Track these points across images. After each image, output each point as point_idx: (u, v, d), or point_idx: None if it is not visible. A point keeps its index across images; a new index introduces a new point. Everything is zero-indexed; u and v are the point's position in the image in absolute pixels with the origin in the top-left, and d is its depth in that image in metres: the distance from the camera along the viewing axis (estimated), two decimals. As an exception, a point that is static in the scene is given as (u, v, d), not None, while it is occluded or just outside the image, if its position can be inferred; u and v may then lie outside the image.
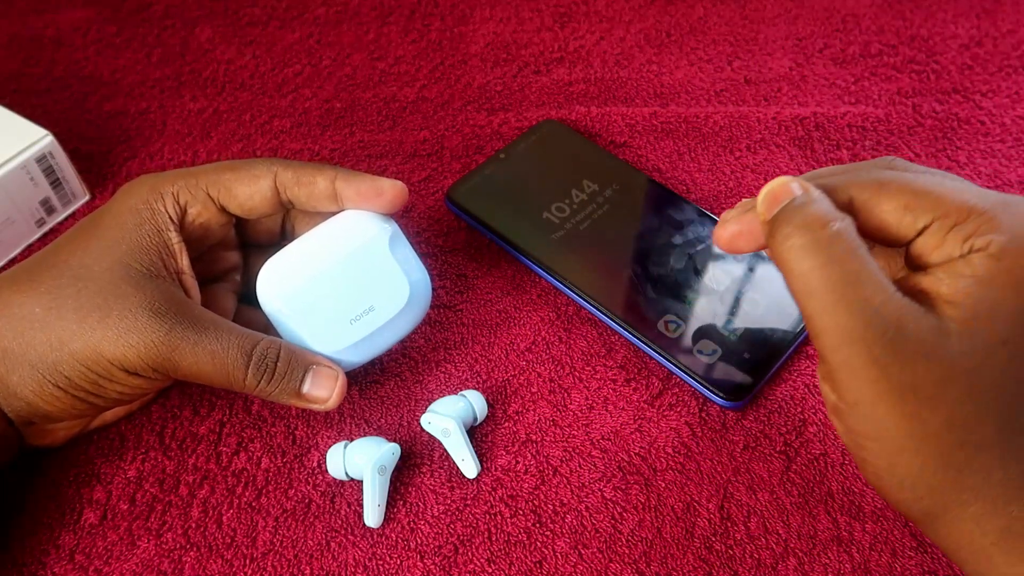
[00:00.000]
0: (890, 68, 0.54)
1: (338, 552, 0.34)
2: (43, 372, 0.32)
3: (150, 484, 0.36)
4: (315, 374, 0.34)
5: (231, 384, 0.33)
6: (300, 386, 0.34)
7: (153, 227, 0.34)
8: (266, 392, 0.34)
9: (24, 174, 0.43)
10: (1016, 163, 0.48)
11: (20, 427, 0.34)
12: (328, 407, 0.35)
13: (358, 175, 0.36)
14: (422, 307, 0.37)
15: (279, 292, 0.35)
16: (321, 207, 0.36)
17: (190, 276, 0.35)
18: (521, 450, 0.37)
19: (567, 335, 0.41)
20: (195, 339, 0.32)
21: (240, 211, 0.36)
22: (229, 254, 0.39)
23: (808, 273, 0.27)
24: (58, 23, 0.56)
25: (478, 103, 0.52)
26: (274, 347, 0.34)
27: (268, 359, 0.33)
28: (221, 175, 0.35)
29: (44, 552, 0.34)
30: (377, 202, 0.36)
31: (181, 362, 0.32)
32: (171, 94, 0.52)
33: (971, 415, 0.26)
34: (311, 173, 0.35)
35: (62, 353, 0.32)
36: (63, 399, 0.32)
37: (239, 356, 0.33)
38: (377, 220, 0.36)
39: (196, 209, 0.35)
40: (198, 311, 0.33)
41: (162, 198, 0.35)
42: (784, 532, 0.35)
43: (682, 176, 0.48)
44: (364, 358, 0.36)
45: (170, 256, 0.34)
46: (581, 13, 0.57)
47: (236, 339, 0.33)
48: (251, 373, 0.33)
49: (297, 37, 0.56)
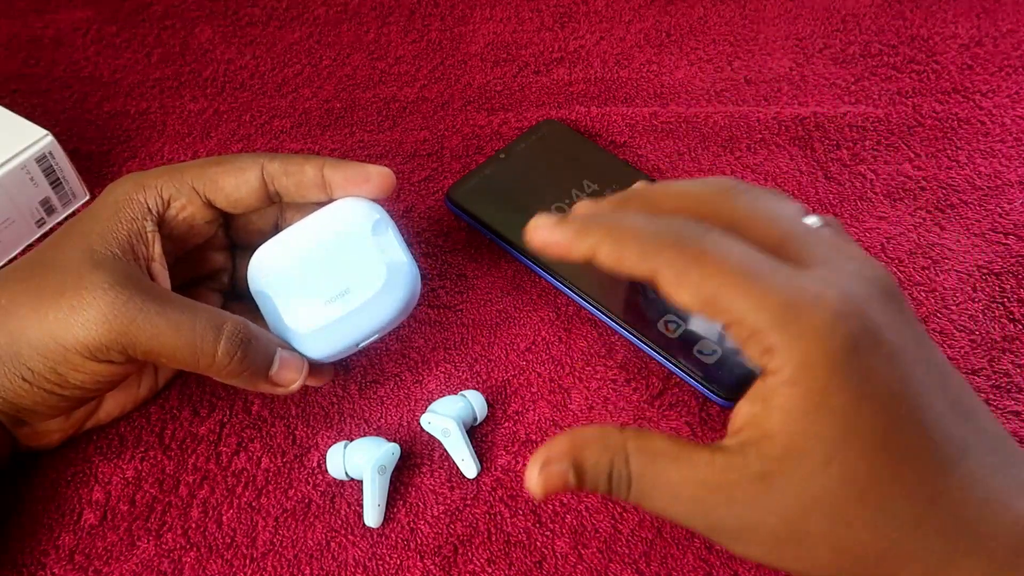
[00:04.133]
0: (890, 68, 0.54)
1: (338, 552, 0.34)
2: (9, 366, 0.32)
3: (150, 484, 0.36)
4: (282, 358, 0.34)
5: (198, 360, 0.32)
6: (269, 368, 0.34)
7: (128, 215, 0.34)
8: (236, 371, 0.33)
9: (24, 174, 0.43)
10: (1016, 163, 0.48)
11: (11, 428, 0.34)
12: (290, 391, 0.35)
13: (345, 162, 0.36)
14: (403, 295, 0.36)
15: (265, 272, 0.36)
16: (310, 196, 0.36)
17: (160, 264, 0.34)
18: (521, 450, 0.37)
19: (567, 335, 0.41)
20: (156, 310, 0.31)
21: (227, 205, 0.36)
22: (216, 255, 0.39)
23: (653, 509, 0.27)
24: (58, 23, 0.56)
25: (478, 103, 0.52)
26: (244, 326, 0.33)
27: (241, 335, 0.33)
28: (207, 169, 0.35)
29: (44, 552, 0.34)
30: (365, 188, 0.36)
31: (139, 335, 0.31)
32: (171, 94, 0.52)
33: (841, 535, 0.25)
34: (299, 163, 0.36)
35: (20, 344, 0.31)
36: (34, 393, 0.32)
37: (209, 329, 0.32)
38: (366, 207, 0.36)
39: (180, 203, 0.35)
40: (161, 289, 0.33)
41: (144, 190, 0.35)
42: (784, 532, 0.35)
43: (682, 176, 0.48)
44: (341, 345, 0.35)
45: (142, 243, 0.34)
46: (581, 13, 0.57)
47: (205, 313, 0.32)
48: (223, 348, 0.32)
49: (297, 37, 0.56)
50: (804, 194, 0.47)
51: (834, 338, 0.24)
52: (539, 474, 0.27)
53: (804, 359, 0.24)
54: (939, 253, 0.44)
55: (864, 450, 0.25)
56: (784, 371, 0.25)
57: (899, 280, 0.43)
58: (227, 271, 0.40)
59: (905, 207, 0.46)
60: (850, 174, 0.48)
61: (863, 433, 0.25)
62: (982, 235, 0.45)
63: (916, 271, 0.43)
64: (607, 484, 0.27)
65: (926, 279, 0.43)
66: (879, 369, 0.25)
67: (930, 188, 0.47)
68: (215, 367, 0.33)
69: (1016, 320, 0.41)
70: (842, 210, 0.46)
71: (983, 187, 0.47)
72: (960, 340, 0.41)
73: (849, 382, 0.24)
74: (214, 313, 0.33)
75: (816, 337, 0.24)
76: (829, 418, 0.24)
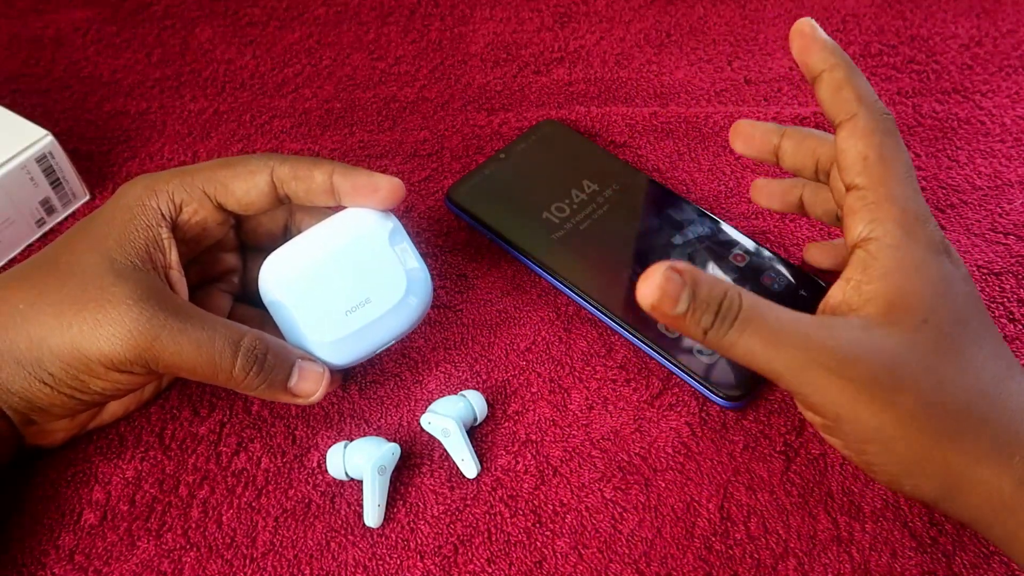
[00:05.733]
0: (890, 68, 0.54)
1: (338, 552, 0.34)
2: (29, 369, 0.32)
3: (150, 484, 0.36)
4: (301, 369, 0.34)
5: (216, 375, 0.33)
6: (288, 380, 0.34)
7: (143, 222, 0.34)
8: (253, 385, 0.33)
9: (24, 174, 0.43)
10: (1016, 163, 0.48)
11: (20, 426, 0.34)
12: (311, 402, 0.35)
13: (355, 170, 0.36)
14: (420, 303, 0.37)
15: (278, 282, 0.35)
16: (319, 202, 0.36)
17: (178, 272, 0.35)
18: (521, 450, 0.37)
19: (567, 335, 0.41)
20: (178, 327, 0.32)
21: (238, 208, 0.36)
22: (227, 256, 0.39)
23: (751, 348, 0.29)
24: (58, 23, 0.56)
25: (478, 103, 0.52)
26: (262, 340, 0.34)
27: (257, 350, 0.33)
28: (217, 172, 0.35)
29: (44, 552, 0.34)
30: (373, 198, 0.36)
31: (162, 352, 0.32)
32: (171, 94, 0.52)
33: (931, 387, 0.28)
34: (308, 167, 0.35)
35: (42, 350, 0.32)
36: (53, 396, 0.32)
37: (227, 346, 0.32)
38: (378, 215, 0.36)
39: (192, 207, 0.35)
40: (181, 302, 0.33)
41: (156, 195, 0.34)
42: (784, 532, 0.35)
43: (682, 176, 0.48)
44: (360, 353, 0.36)
45: (159, 251, 0.34)
46: (581, 13, 0.57)
47: (223, 329, 0.33)
48: (240, 364, 0.33)
49: (297, 37, 0.56)
50: (804, 194, 0.47)
51: (927, 228, 0.31)
52: (657, 285, 0.28)
53: (908, 232, 0.30)
54: (939, 253, 0.44)
55: (954, 318, 0.29)
56: (890, 236, 0.30)
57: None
58: (237, 272, 0.40)
59: (905, 207, 0.46)
60: (850, 174, 0.48)
61: (952, 304, 0.30)
62: (982, 235, 0.45)
63: (916, 271, 0.43)
64: (713, 316, 0.28)
65: (926, 279, 0.43)
66: (956, 264, 0.31)
67: (930, 188, 0.47)
68: (233, 381, 0.33)
69: (1016, 320, 0.41)
70: (842, 210, 0.46)
71: (983, 187, 0.47)
72: (960, 340, 0.41)
73: (940, 260, 0.30)
74: (233, 328, 0.33)
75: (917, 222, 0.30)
76: (926, 283, 0.30)
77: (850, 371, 0.28)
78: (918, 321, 0.29)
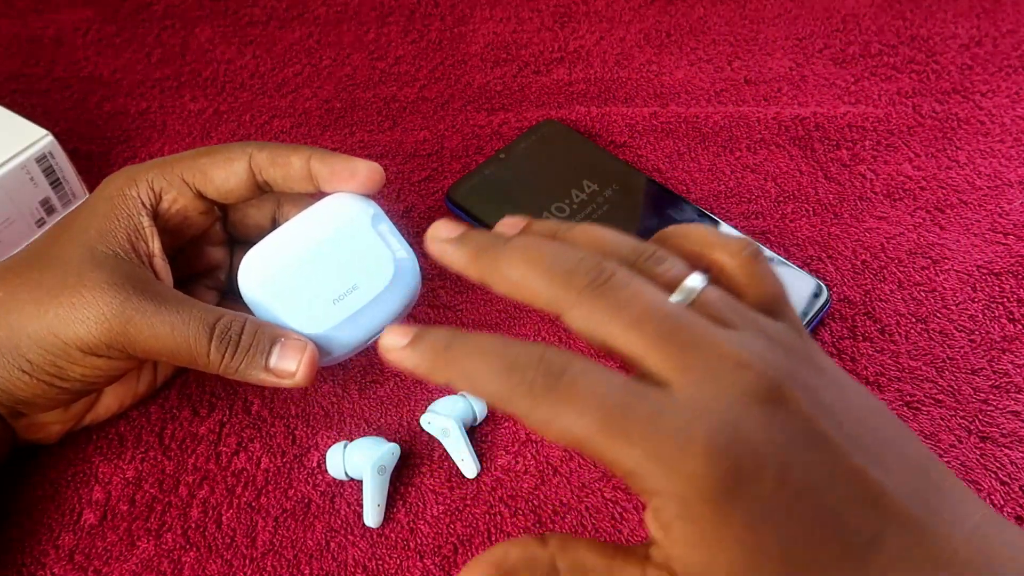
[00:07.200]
0: (890, 68, 0.54)
1: (338, 552, 0.34)
2: (8, 358, 0.32)
3: (149, 484, 0.36)
4: (282, 347, 0.33)
5: (194, 359, 0.32)
6: (267, 360, 0.33)
7: (124, 211, 0.34)
8: (231, 368, 0.33)
9: (24, 174, 0.43)
10: (1016, 163, 0.48)
11: (10, 420, 0.34)
12: (297, 382, 0.33)
13: (333, 155, 0.35)
14: (410, 286, 0.36)
15: (257, 279, 0.34)
16: (297, 188, 0.36)
17: (161, 259, 0.34)
18: (521, 450, 0.37)
19: (567, 335, 0.41)
20: (152, 310, 0.32)
21: (217, 195, 0.36)
22: (213, 250, 0.39)
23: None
24: (58, 23, 0.56)
25: (478, 103, 0.52)
26: (238, 320, 0.33)
27: (232, 332, 0.32)
28: (196, 160, 0.35)
29: (44, 552, 0.34)
30: (352, 182, 0.35)
31: (137, 335, 0.32)
32: (171, 94, 0.52)
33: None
34: (286, 154, 0.35)
35: (20, 337, 0.32)
36: (32, 384, 0.32)
37: (201, 329, 0.32)
38: (358, 201, 0.36)
39: (172, 195, 0.35)
40: (160, 287, 0.33)
41: (136, 185, 0.35)
42: (784, 532, 0.35)
43: (682, 176, 0.48)
44: (354, 341, 0.35)
45: (140, 239, 0.34)
46: (581, 13, 0.57)
47: (199, 312, 0.32)
48: (214, 347, 0.32)
49: (297, 37, 0.56)
50: (804, 194, 0.47)
51: (712, 478, 0.23)
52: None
53: (689, 499, 0.23)
54: (939, 253, 0.44)
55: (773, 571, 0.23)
56: (671, 509, 0.23)
57: (899, 280, 0.43)
58: (224, 268, 0.39)
59: (905, 207, 0.46)
60: (850, 174, 0.48)
61: (768, 555, 0.23)
62: (982, 235, 0.45)
63: (916, 271, 0.43)
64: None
65: (926, 279, 0.43)
66: (768, 490, 0.23)
67: (930, 188, 0.47)
68: (211, 365, 0.33)
69: (1016, 320, 0.41)
70: (842, 210, 0.46)
71: (983, 187, 0.47)
72: (960, 340, 0.41)
73: (740, 513, 0.23)
74: (208, 311, 0.33)
75: (693, 482, 0.23)
76: (730, 548, 0.23)
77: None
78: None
